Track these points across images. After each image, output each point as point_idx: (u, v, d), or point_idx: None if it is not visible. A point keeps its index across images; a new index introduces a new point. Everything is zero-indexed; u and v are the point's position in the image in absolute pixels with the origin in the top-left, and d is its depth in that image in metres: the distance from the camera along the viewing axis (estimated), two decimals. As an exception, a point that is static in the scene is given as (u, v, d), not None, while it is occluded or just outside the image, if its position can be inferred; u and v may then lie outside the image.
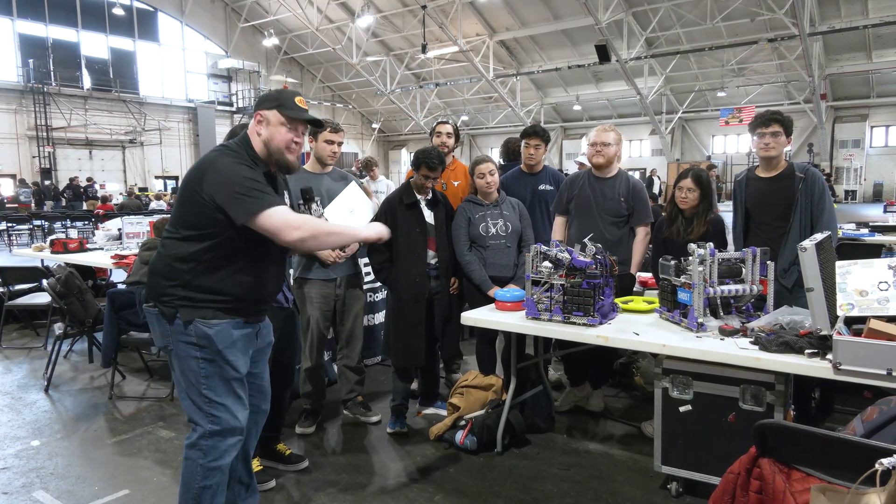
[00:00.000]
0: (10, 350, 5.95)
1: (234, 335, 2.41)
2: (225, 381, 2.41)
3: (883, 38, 23.07)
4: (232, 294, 2.39)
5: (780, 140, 3.53)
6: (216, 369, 2.39)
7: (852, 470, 1.49)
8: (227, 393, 2.42)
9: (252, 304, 2.48)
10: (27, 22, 25.00)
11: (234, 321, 2.41)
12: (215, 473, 2.43)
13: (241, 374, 2.45)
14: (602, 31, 21.85)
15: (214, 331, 2.37)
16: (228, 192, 2.27)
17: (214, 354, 2.38)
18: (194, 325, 2.36)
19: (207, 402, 2.40)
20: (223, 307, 2.38)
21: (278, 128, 2.43)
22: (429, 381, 4.28)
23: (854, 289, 2.69)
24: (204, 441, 2.41)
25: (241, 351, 2.44)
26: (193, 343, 2.37)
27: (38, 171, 24.35)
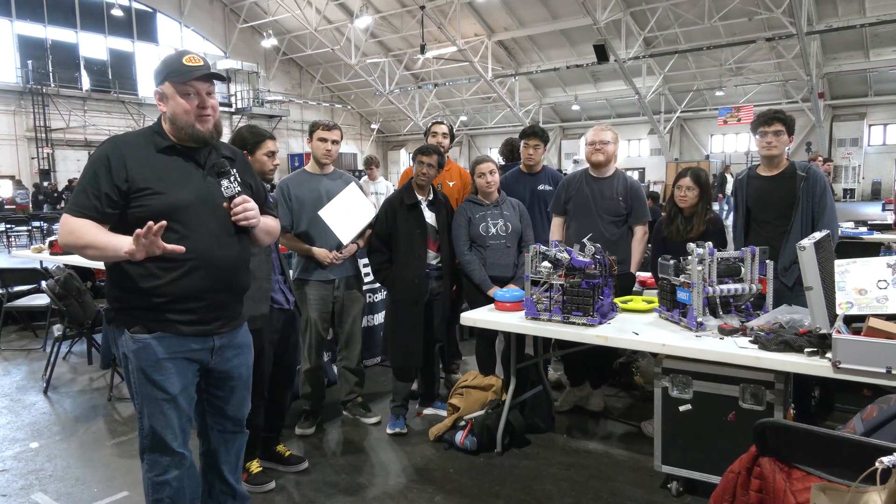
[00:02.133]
0: (8, 352, 5.94)
1: (158, 353, 2.18)
2: (151, 401, 2.22)
3: (880, 36, 23.09)
4: (160, 294, 2.16)
5: (782, 139, 3.54)
6: (142, 386, 2.22)
7: (852, 468, 1.49)
8: (155, 413, 2.23)
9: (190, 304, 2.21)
10: (26, 23, 24.98)
11: (164, 335, 2.19)
12: (163, 488, 2.30)
13: (169, 395, 2.22)
14: (600, 30, 21.86)
15: (137, 347, 2.18)
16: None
17: (138, 370, 2.20)
18: (124, 335, 2.21)
19: (139, 416, 2.27)
20: (149, 310, 2.18)
21: (177, 99, 2.19)
22: (428, 381, 4.27)
23: (853, 287, 2.68)
24: (146, 454, 2.30)
25: (170, 370, 2.21)
26: (125, 353, 2.23)
27: (37, 173, 24.33)
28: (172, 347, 2.21)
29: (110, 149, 2.18)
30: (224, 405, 2.47)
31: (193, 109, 2.20)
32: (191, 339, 2.25)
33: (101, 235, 2.10)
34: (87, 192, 2.12)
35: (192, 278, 2.19)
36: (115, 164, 2.13)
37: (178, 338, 2.22)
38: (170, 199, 2.16)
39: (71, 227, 2.11)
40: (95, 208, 2.11)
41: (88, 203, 2.11)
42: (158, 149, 2.21)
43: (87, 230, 2.09)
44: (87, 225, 2.10)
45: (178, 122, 2.21)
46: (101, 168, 2.13)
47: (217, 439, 2.51)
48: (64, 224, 2.12)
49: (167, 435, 2.26)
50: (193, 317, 2.23)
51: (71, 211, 2.12)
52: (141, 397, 2.24)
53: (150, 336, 2.19)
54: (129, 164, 2.14)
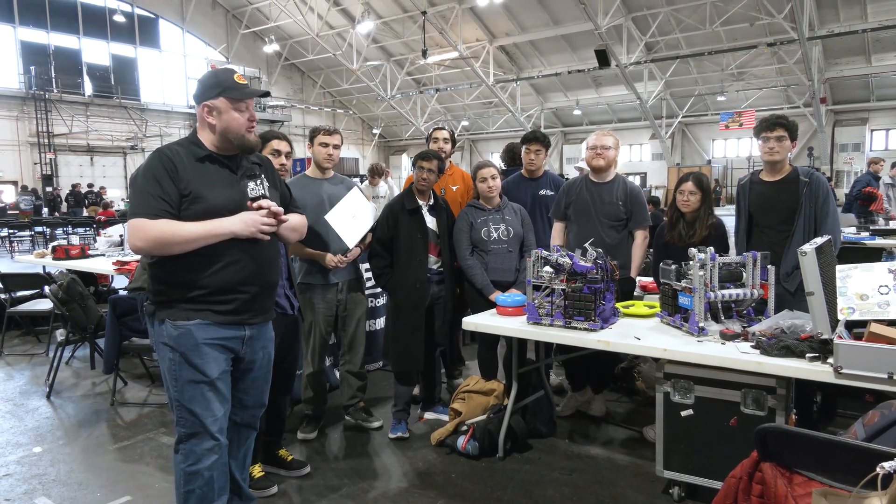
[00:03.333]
0: (11, 357, 5.95)
1: (198, 338, 2.36)
2: (192, 384, 2.38)
3: (882, 41, 23.11)
4: (202, 286, 2.35)
5: (784, 144, 3.54)
6: (183, 371, 2.38)
7: (854, 474, 1.49)
8: (196, 397, 2.39)
9: (228, 295, 2.40)
10: (29, 29, 25.08)
11: (202, 323, 2.36)
12: (195, 478, 2.42)
13: (208, 378, 2.39)
14: (602, 36, 21.90)
15: (179, 332, 2.36)
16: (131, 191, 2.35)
17: (179, 356, 2.37)
18: (165, 325, 2.37)
19: (178, 404, 2.41)
20: (191, 301, 2.36)
21: (231, 114, 2.39)
22: (429, 385, 4.28)
23: (855, 292, 2.69)
24: (181, 444, 2.44)
25: (209, 354, 2.39)
26: (165, 343, 2.39)
27: (40, 178, 24.39)
28: (210, 334, 2.39)
29: (162, 158, 2.34)
30: (244, 396, 2.63)
31: (245, 122, 2.42)
32: (226, 327, 2.42)
33: (193, 226, 2.28)
34: (155, 196, 2.27)
35: (230, 272, 2.39)
36: (171, 171, 2.31)
37: (215, 326, 2.39)
38: (212, 204, 2.35)
39: (154, 227, 2.24)
40: (166, 210, 2.28)
41: (158, 205, 2.27)
42: (197, 158, 2.39)
43: (173, 226, 2.26)
44: (169, 223, 2.27)
45: (230, 134, 2.41)
46: (160, 174, 2.30)
47: (231, 431, 2.60)
48: (144, 229, 2.24)
49: (207, 419, 2.40)
50: (230, 307, 2.41)
51: (146, 215, 2.25)
52: (181, 384, 2.39)
53: (190, 323, 2.36)
54: (180, 172, 2.33)
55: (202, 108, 2.41)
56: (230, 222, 2.34)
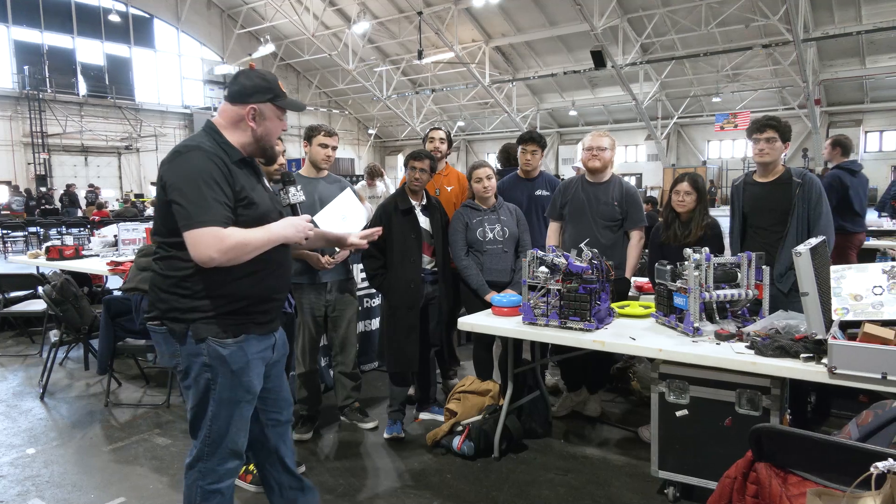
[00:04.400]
0: (5, 357, 5.92)
1: (248, 355, 2.24)
2: (234, 404, 2.25)
3: (876, 43, 23.23)
4: (238, 296, 2.21)
5: (775, 146, 3.55)
6: (227, 391, 2.23)
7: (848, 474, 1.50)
8: (233, 416, 2.26)
9: (263, 303, 2.29)
10: (22, 28, 25.00)
11: (247, 337, 2.24)
12: (215, 496, 2.30)
13: (252, 395, 2.29)
14: (597, 37, 21.95)
15: (229, 351, 2.20)
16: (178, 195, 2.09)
17: (227, 375, 2.21)
18: (207, 343, 2.18)
19: (211, 423, 2.26)
20: (234, 314, 2.21)
21: (274, 121, 2.29)
22: (424, 386, 4.27)
23: (849, 293, 2.70)
24: (202, 463, 2.29)
25: (255, 370, 2.29)
26: (206, 363, 2.20)
27: (34, 178, 24.30)
28: (255, 348, 2.28)
29: (214, 160, 2.16)
30: (277, 393, 2.51)
31: (279, 133, 2.35)
32: (263, 338, 2.32)
33: (256, 233, 2.17)
34: (221, 203, 2.11)
35: (269, 279, 2.29)
36: (226, 174, 2.16)
37: (257, 338, 2.29)
38: (263, 209, 2.25)
39: (231, 237, 2.09)
40: (230, 217, 2.13)
41: (226, 212, 2.12)
42: (233, 161, 2.23)
43: (244, 234, 2.14)
44: (239, 231, 2.13)
45: (264, 141, 2.30)
46: (219, 177, 2.14)
47: (274, 436, 2.53)
48: (222, 238, 2.06)
49: (240, 439, 2.31)
50: (267, 317, 2.33)
51: (219, 224, 2.08)
52: (219, 403, 2.24)
53: (238, 339, 2.22)
54: (233, 174, 2.19)
55: (247, 110, 2.23)
56: (282, 228, 2.25)
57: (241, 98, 2.24)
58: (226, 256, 2.08)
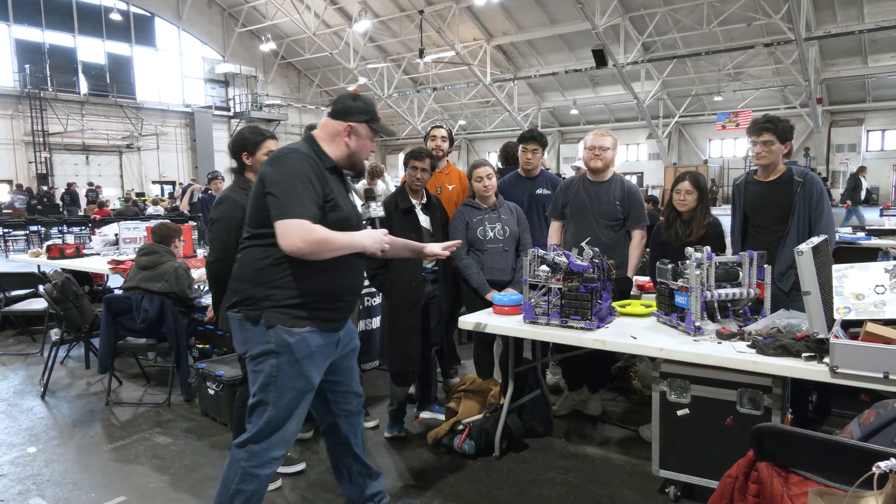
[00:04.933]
0: (6, 356, 5.93)
1: (312, 346, 2.39)
2: (294, 392, 2.40)
3: (878, 42, 23.18)
4: (309, 291, 2.37)
5: (772, 148, 3.54)
6: (289, 379, 2.38)
7: (849, 473, 1.49)
8: (294, 405, 2.41)
9: (331, 301, 2.46)
10: (24, 27, 25.00)
11: (315, 330, 2.40)
12: (253, 480, 2.41)
13: (313, 386, 2.45)
14: (599, 35, 21.92)
15: (295, 339, 2.35)
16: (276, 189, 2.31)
17: (291, 364, 2.36)
18: (276, 330, 2.35)
19: (270, 408, 2.39)
20: (304, 308, 2.37)
21: (366, 141, 2.53)
22: (425, 385, 4.27)
23: (851, 292, 2.69)
24: (253, 445, 2.41)
25: (318, 362, 2.44)
26: (272, 350, 2.36)
27: (35, 177, 24.32)
28: (318, 341, 2.43)
29: (310, 162, 2.39)
30: (347, 385, 2.70)
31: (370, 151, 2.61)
32: (328, 334, 2.47)
33: (343, 235, 2.38)
34: (313, 200, 2.33)
35: (340, 280, 2.47)
36: (319, 176, 2.38)
37: (321, 334, 2.44)
38: (344, 213, 2.45)
39: (317, 231, 2.30)
40: (317, 215, 2.33)
41: (316, 210, 2.33)
42: (326, 167, 2.45)
43: (329, 233, 2.33)
44: (324, 229, 2.32)
45: (355, 157, 2.54)
46: (314, 178, 2.35)
47: (346, 426, 2.72)
48: (309, 231, 2.27)
49: (291, 429, 2.46)
50: (334, 315, 2.49)
51: (309, 218, 2.29)
52: (281, 390, 2.39)
53: (304, 330, 2.38)
54: (324, 177, 2.41)
55: (344, 127, 2.48)
56: (364, 237, 2.44)
57: (342, 115, 2.49)
58: (310, 248, 2.28)
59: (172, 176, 28.85)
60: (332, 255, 2.34)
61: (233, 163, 3.46)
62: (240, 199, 3.20)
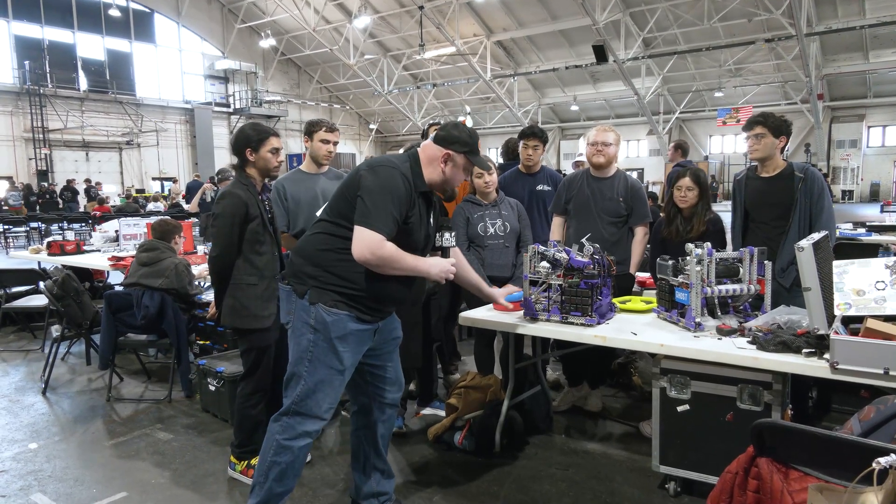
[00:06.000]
0: (7, 353, 5.94)
1: (348, 327, 2.50)
2: (326, 369, 2.51)
3: (880, 38, 23.14)
4: (357, 285, 2.49)
5: (762, 141, 3.54)
6: (322, 355, 2.50)
7: (849, 469, 1.49)
8: (324, 381, 2.51)
9: (374, 301, 2.55)
10: (23, 23, 24.93)
11: (352, 315, 2.50)
12: (286, 452, 2.52)
13: (344, 367, 2.53)
14: (599, 31, 21.89)
15: (332, 319, 2.48)
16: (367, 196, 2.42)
17: (326, 341, 2.48)
18: (316, 307, 2.48)
19: (303, 382, 2.51)
20: (347, 297, 2.49)
21: (460, 171, 2.62)
22: (426, 381, 4.27)
23: (851, 288, 2.69)
24: (286, 417, 2.54)
25: (352, 345, 2.53)
26: (311, 324, 2.49)
27: (35, 174, 24.30)
28: (356, 325, 2.54)
29: (406, 183, 2.50)
30: (385, 373, 2.81)
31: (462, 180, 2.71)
32: (365, 324, 2.58)
33: (409, 259, 2.49)
34: (395, 220, 2.45)
35: (389, 288, 2.55)
36: (408, 198, 2.49)
37: (357, 322, 2.54)
38: (416, 238, 2.58)
39: (389, 249, 2.42)
40: (393, 233, 2.45)
41: (392, 227, 2.44)
42: (418, 191, 2.56)
43: (401, 253, 2.46)
44: (396, 248, 2.44)
45: (447, 185, 2.65)
46: (403, 199, 2.47)
47: (377, 412, 2.81)
48: (381, 246, 2.40)
49: (325, 404, 2.55)
50: (373, 315, 2.60)
51: (385, 234, 2.41)
52: (314, 364, 2.51)
53: (343, 312, 2.50)
54: (411, 200, 2.52)
55: (443, 153, 2.57)
56: (431, 265, 2.56)
57: (444, 143, 2.59)
58: (377, 261, 2.41)
59: (172, 172, 28.82)
60: (395, 273, 2.47)
61: (234, 159, 3.45)
62: (243, 194, 3.20)
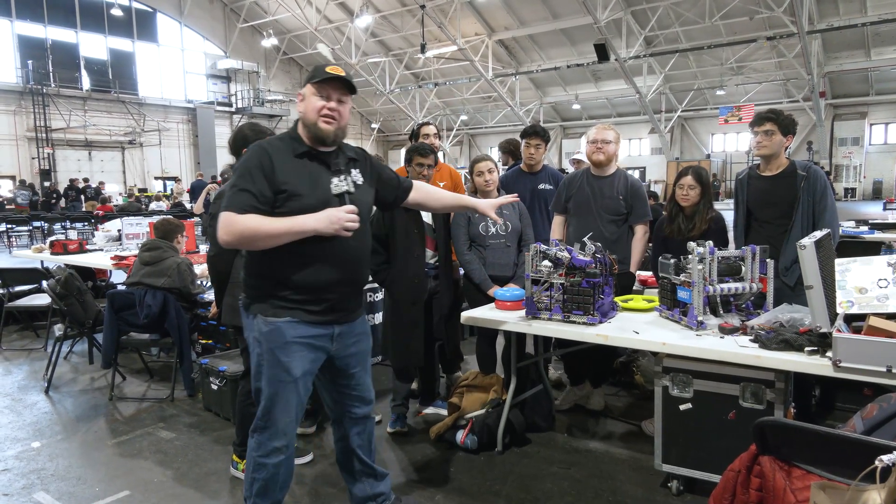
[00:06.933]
0: (10, 351, 5.95)
1: (287, 335, 2.36)
2: (277, 382, 2.39)
3: (881, 35, 23.08)
4: (295, 285, 2.36)
5: (774, 139, 3.53)
6: (270, 368, 2.39)
7: (852, 467, 1.49)
8: (278, 394, 2.40)
9: (320, 295, 2.40)
10: (26, 23, 24.99)
11: (292, 321, 2.37)
12: (262, 469, 2.46)
13: (293, 377, 2.39)
14: (601, 30, 21.86)
15: (269, 328, 2.37)
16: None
17: (269, 352, 2.38)
18: (257, 319, 2.39)
19: (262, 396, 2.43)
20: (282, 298, 2.37)
21: (310, 99, 2.39)
22: (428, 380, 4.27)
23: (853, 286, 2.68)
24: (257, 434, 2.47)
25: (297, 353, 2.39)
26: (255, 337, 2.41)
27: (38, 173, 24.35)
28: (299, 332, 2.39)
29: (260, 153, 2.35)
30: (350, 391, 2.66)
31: (320, 109, 2.37)
32: (316, 326, 2.43)
33: (277, 222, 2.27)
34: (246, 191, 2.28)
35: (320, 272, 2.39)
36: (267, 167, 2.31)
37: (305, 324, 2.40)
38: (309, 202, 2.33)
39: (241, 221, 2.25)
40: (254, 206, 2.27)
41: (248, 201, 2.27)
42: (296, 154, 2.39)
43: (260, 221, 2.26)
44: (256, 217, 2.26)
45: (306, 121, 2.40)
46: (255, 170, 2.31)
47: (350, 426, 2.70)
48: (231, 223, 2.25)
49: (282, 419, 2.43)
50: (320, 307, 2.42)
51: (234, 209, 2.26)
52: (266, 379, 2.41)
53: (280, 320, 2.37)
54: (277, 168, 2.32)
55: (298, 97, 2.46)
56: (314, 219, 2.30)
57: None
58: (236, 239, 2.27)
59: (175, 172, 28.86)
60: (272, 242, 2.27)
61: (233, 159, 3.46)
62: None
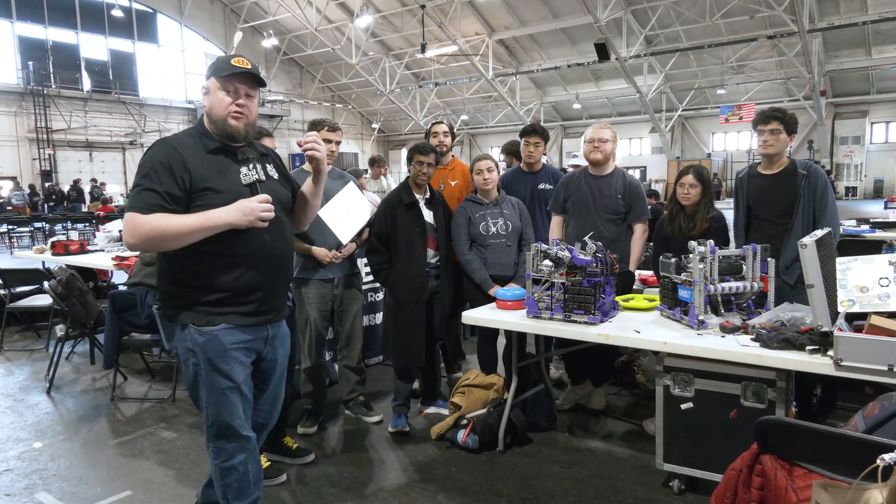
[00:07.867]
0: (11, 352, 5.95)
1: (224, 344, 2.29)
2: (217, 390, 2.32)
3: (882, 34, 23.06)
4: (224, 289, 2.27)
5: (779, 138, 3.53)
6: (209, 377, 2.31)
7: (854, 466, 1.49)
8: (223, 402, 2.33)
9: (250, 296, 2.32)
10: (26, 24, 25.01)
11: (228, 327, 2.29)
12: (230, 473, 2.40)
13: (235, 383, 2.33)
14: (601, 29, 21.85)
15: (205, 339, 2.27)
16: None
17: (206, 362, 2.29)
18: (188, 330, 2.28)
19: (205, 406, 2.35)
20: (217, 305, 2.28)
21: (216, 94, 2.28)
22: (429, 380, 4.28)
23: (855, 285, 2.68)
24: (211, 443, 2.40)
25: (236, 358, 2.33)
26: (189, 348, 2.31)
27: (39, 174, 24.36)
28: (236, 338, 2.32)
29: (166, 149, 2.24)
30: (260, 394, 2.56)
31: (228, 105, 2.28)
32: (251, 329, 2.36)
33: (185, 219, 2.16)
34: (151, 190, 2.17)
35: (251, 272, 2.31)
36: (174, 162, 2.20)
37: (240, 329, 2.33)
38: (228, 197, 2.23)
39: (146, 222, 2.13)
40: (160, 205, 2.16)
41: (153, 200, 2.16)
42: (207, 150, 2.30)
43: (167, 220, 2.15)
44: (163, 216, 2.15)
45: (213, 116, 2.31)
46: (160, 167, 2.19)
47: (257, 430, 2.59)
48: (135, 224, 2.13)
49: (234, 421, 2.36)
50: (252, 308, 2.34)
51: (138, 209, 2.14)
52: (207, 388, 2.33)
53: (217, 328, 2.28)
54: (189, 164, 2.22)
55: (202, 90, 2.35)
56: (226, 212, 2.19)
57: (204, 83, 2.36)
58: (142, 242, 2.17)
59: (175, 172, 28.82)
60: (182, 241, 2.16)
61: None
62: None
